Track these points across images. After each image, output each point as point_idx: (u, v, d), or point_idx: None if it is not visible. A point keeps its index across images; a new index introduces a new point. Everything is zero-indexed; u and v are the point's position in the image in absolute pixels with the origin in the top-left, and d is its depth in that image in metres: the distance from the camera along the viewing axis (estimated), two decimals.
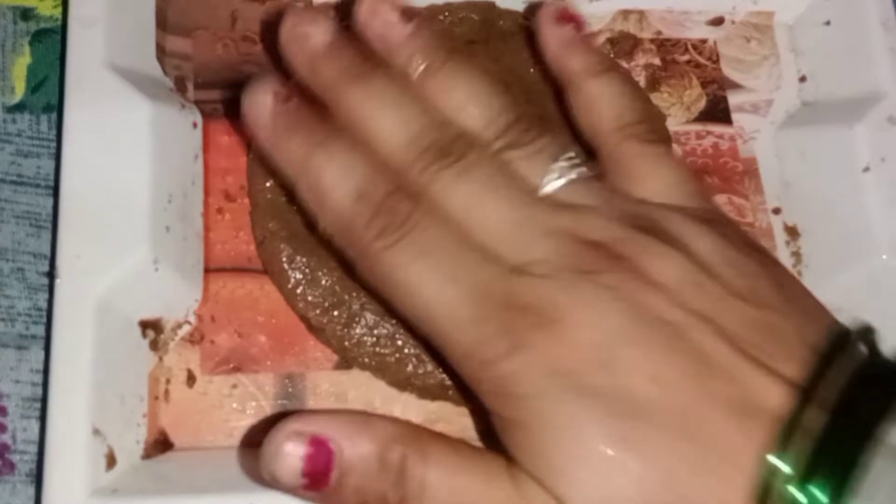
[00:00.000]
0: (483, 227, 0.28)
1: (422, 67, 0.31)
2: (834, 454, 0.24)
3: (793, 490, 0.24)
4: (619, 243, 0.28)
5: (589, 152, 0.33)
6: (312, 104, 0.31)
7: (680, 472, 0.25)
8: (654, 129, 0.33)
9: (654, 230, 0.28)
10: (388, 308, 0.31)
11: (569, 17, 0.34)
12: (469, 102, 0.30)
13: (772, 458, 0.24)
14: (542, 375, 0.26)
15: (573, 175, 0.29)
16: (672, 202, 0.30)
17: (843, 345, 0.26)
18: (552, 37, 0.34)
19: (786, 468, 0.24)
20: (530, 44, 0.38)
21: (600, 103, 0.33)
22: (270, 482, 0.26)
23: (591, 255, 0.27)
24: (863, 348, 0.26)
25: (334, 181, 0.29)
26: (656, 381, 0.25)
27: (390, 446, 0.26)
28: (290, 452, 0.26)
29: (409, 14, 0.31)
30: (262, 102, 0.30)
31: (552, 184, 0.29)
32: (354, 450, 0.26)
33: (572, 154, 0.30)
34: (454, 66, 0.31)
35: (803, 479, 0.24)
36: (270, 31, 0.35)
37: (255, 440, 0.33)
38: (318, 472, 0.26)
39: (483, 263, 0.28)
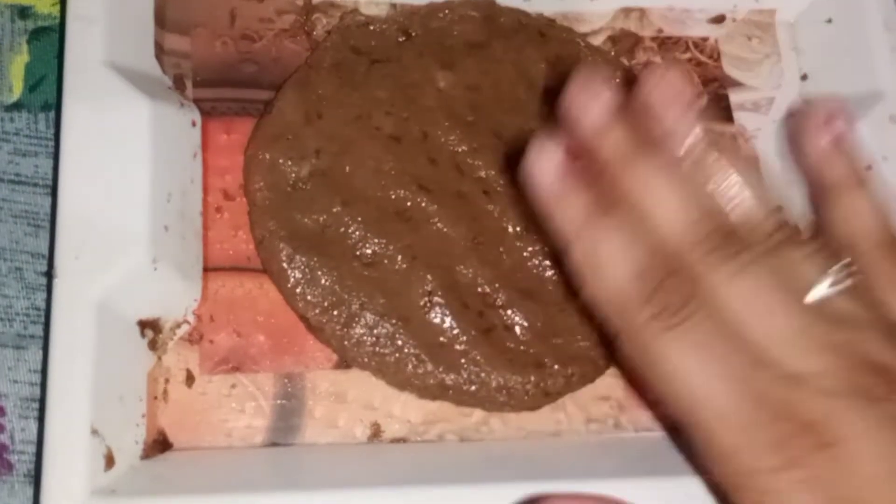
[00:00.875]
0: (761, 326, 0.27)
1: (702, 148, 0.30)
2: None
3: None
4: None
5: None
6: (594, 172, 0.30)
7: None
8: None
9: None
10: (643, 390, 0.31)
11: (841, 118, 0.33)
12: (748, 189, 0.29)
13: None
14: (819, 499, 0.25)
15: (849, 283, 0.28)
16: None
17: None
18: (821, 142, 0.33)
19: None
20: (533, 42, 0.38)
21: (864, 214, 0.32)
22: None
23: (876, 379, 0.26)
24: None
25: (614, 254, 0.29)
26: None
27: None
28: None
29: (697, 98, 0.30)
30: (550, 158, 0.30)
31: (828, 288, 0.28)
32: None
33: (849, 260, 0.29)
34: (732, 152, 0.30)
35: None
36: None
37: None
38: None
39: (759, 365, 0.27)
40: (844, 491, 0.25)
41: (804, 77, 0.41)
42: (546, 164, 0.30)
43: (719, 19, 0.41)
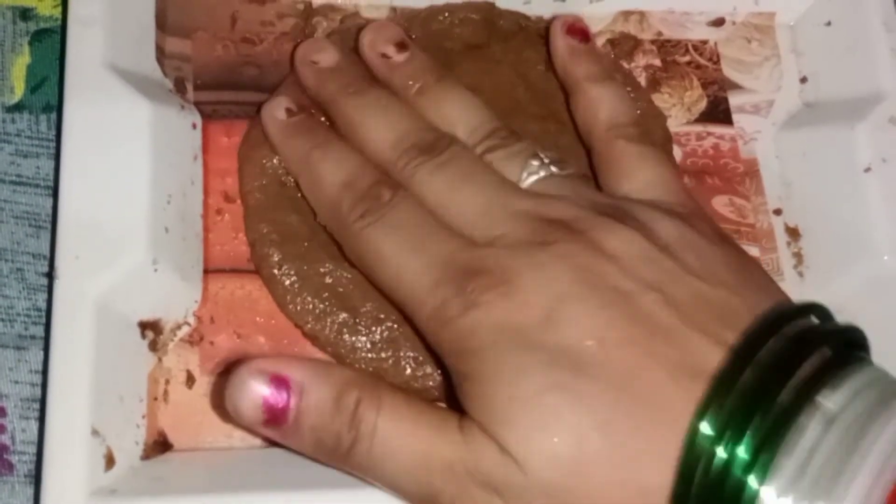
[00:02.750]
0: (454, 210, 0.31)
1: (415, 88, 0.35)
2: (756, 412, 0.24)
3: (715, 447, 0.24)
4: (577, 221, 0.29)
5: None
6: (318, 119, 0.36)
7: (617, 423, 0.26)
8: (644, 132, 0.34)
9: (617, 215, 0.30)
10: (374, 288, 0.33)
11: (577, 29, 0.37)
12: (454, 112, 0.34)
13: (699, 416, 0.25)
14: (492, 331, 0.27)
15: (550, 171, 0.31)
16: (652, 197, 0.32)
17: (789, 315, 0.27)
18: (561, 46, 0.37)
19: (709, 427, 0.24)
20: (533, 44, 0.38)
21: (597, 106, 0.35)
22: (233, 415, 0.28)
23: (549, 228, 0.29)
24: (813, 320, 0.27)
25: (327, 173, 0.33)
26: (599, 340, 0.26)
27: (347, 390, 0.28)
28: (252, 387, 0.28)
29: (403, 45, 0.36)
30: (275, 115, 0.35)
31: (528, 178, 0.31)
32: (313, 390, 0.28)
33: (549, 153, 0.32)
34: (443, 84, 0.35)
35: (727, 437, 0.24)
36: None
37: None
38: (278, 409, 0.28)
39: (449, 238, 0.30)
40: (514, 319, 0.27)
41: (804, 79, 0.41)
42: (273, 117, 0.35)
43: (719, 22, 0.41)
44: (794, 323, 0.26)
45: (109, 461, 0.30)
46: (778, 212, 0.39)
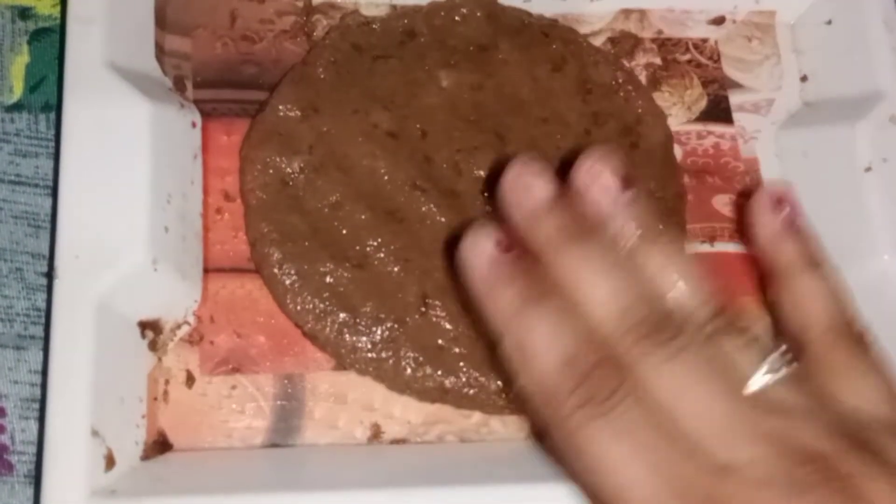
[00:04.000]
0: (690, 418, 0.27)
1: (637, 236, 0.30)
2: None
3: None
4: (835, 458, 0.26)
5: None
6: (528, 258, 0.30)
7: None
8: (864, 334, 0.31)
9: (867, 447, 0.27)
10: (575, 481, 0.30)
11: (789, 202, 0.33)
12: (682, 279, 0.29)
13: None
14: None
15: (786, 371, 0.28)
16: (882, 415, 0.29)
17: None
18: (769, 221, 0.32)
19: None
20: (538, 42, 0.38)
21: (814, 299, 0.31)
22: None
23: (807, 467, 0.26)
24: None
25: (544, 343, 0.28)
26: None
27: None
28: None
29: (628, 181, 0.30)
30: (483, 247, 0.29)
31: (766, 377, 0.28)
32: None
33: (785, 348, 0.29)
34: (668, 241, 0.30)
35: None
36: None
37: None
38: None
39: (687, 456, 0.26)
40: None
41: (804, 78, 0.41)
42: (480, 251, 0.29)
43: (719, 21, 0.41)
44: None
45: (109, 461, 0.30)
46: None
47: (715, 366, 0.28)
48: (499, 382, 0.34)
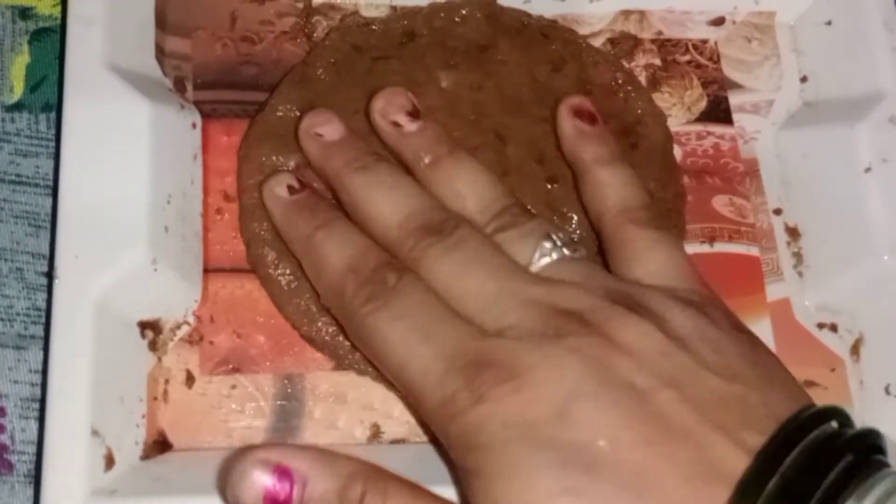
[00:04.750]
0: (463, 296, 0.29)
1: (426, 160, 0.33)
2: None
3: None
4: (591, 312, 0.28)
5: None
6: (322, 196, 0.34)
7: None
8: (656, 216, 0.33)
9: (631, 304, 0.29)
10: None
11: (584, 112, 0.36)
12: (465, 188, 0.33)
13: None
14: (501, 427, 0.26)
15: (560, 253, 0.31)
16: (663, 284, 0.31)
17: (812, 420, 0.26)
18: (569, 128, 0.36)
19: None
20: (537, 42, 0.38)
21: (606, 190, 0.34)
22: None
23: (562, 320, 0.28)
24: (833, 425, 0.26)
25: (330, 255, 0.31)
26: (613, 440, 0.25)
27: (351, 483, 0.27)
28: (254, 479, 0.27)
29: (415, 114, 0.34)
30: (277, 192, 0.34)
31: (539, 261, 0.31)
32: (317, 482, 0.27)
33: (561, 234, 0.31)
34: (455, 157, 0.34)
35: None
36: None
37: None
38: (280, 501, 0.27)
39: (458, 326, 0.29)
40: (524, 415, 0.26)
41: (804, 79, 0.41)
42: (275, 196, 0.34)
43: (719, 21, 0.41)
44: (818, 428, 0.26)
45: (109, 461, 0.30)
46: (778, 211, 0.39)
47: (488, 252, 0.30)
48: None
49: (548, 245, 0.31)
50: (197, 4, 0.38)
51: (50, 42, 0.37)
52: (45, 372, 0.31)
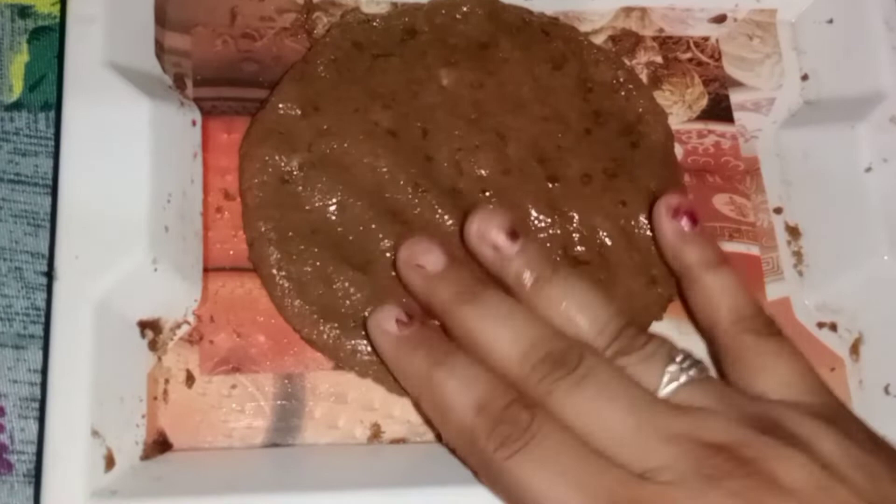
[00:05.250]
0: (603, 433, 0.28)
1: (531, 281, 0.32)
2: None
3: None
4: (742, 446, 0.27)
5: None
6: (434, 328, 0.33)
7: None
8: (771, 322, 0.33)
9: (775, 431, 0.28)
10: None
11: (684, 211, 0.34)
12: (579, 312, 0.32)
13: None
14: None
15: (688, 376, 0.30)
16: (791, 398, 0.30)
17: None
18: (669, 231, 0.34)
19: None
20: (538, 40, 0.38)
21: (718, 298, 0.33)
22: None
23: (715, 459, 0.27)
24: None
25: (455, 395, 0.30)
26: None
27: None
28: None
29: (514, 234, 0.33)
30: (385, 328, 0.32)
31: (668, 386, 0.30)
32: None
33: (684, 355, 0.30)
34: (561, 278, 0.32)
35: None
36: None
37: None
38: None
39: (606, 470, 0.28)
40: None
41: (805, 77, 0.41)
42: (383, 332, 0.32)
43: (720, 19, 0.41)
44: None
45: (109, 461, 0.30)
46: (778, 210, 0.39)
47: (620, 383, 0.29)
48: None
49: (674, 369, 0.30)
50: (197, 1, 0.38)
51: (49, 41, 0.37)
52: (44, 372, 0.31)
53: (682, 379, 0.30)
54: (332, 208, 0.35)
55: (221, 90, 0.37)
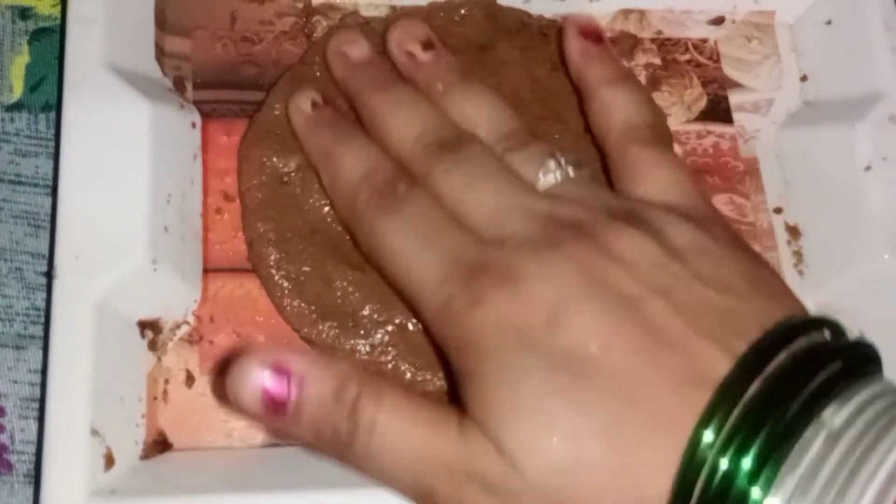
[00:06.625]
0: (467, 207, 0.30)
1: (439, 87, 0.35)
2: (762, 424, 0.24)
3: (719, 458, 0.24)
4: (588, 223, 0.29)
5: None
6: (345, 112, 0.36)
7: (617, 431, 0.25)
8: (658, 133, 0.34)
9: (629, 218, 0.29)
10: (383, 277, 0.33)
11: (590, 31, 0.36)
12: (480, 115, 0.34)
13: (702, 424, 0.24)
14: (496, 329, 0.27)
15: (566, 173, 0.31)
16: (666, 201, 0.31)
17: (801, 327, 0.26)
18: (574, 49, 0.36)
19: (712, 437, 0.24)
20: (537, 42, 0.38)
21: (610, 110, 0.34)
22: (234, 403, 0.28)
23: (563, 232, 0.29)
24: (826, 334, 0.27)
25: (347, 165, 0.33)
26: (603, 345, 0.26)
27: (347, 383, 0.28)
28: (254, 377, 0.27)
29: (429, 44, 0.36)
30: (301, 107, 0.35)
31: (545, 179, 0.31)
32: (314, 382, 0.28)
33: (567, 156, 0.32)
34: (467, 84, 0.35)
35: (729, 448, 0.24)
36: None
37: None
38: (278, 399, 0.27)
39: (461, 234, 0.30)
40: (518, 319, 0.27)
41: (804, 78, 0.41)
42: (299, 110, 0.35)
43: (719, 21, 0.41)
44: (806, 336, 0.26)
45: (109, 461, 0.30)
46: (778, 210, 0.39)
47: (496, 169, 0.31)
48: None
49: (552, 164, 0.31)
50: (197, 4, 0.38)
51: (49, 42, 0.37)
52: (44, 372, 0.31)
53: (558, 175, 0.31)
54: (330, 209, 0.35)
55: (221, 93, 0.37)
